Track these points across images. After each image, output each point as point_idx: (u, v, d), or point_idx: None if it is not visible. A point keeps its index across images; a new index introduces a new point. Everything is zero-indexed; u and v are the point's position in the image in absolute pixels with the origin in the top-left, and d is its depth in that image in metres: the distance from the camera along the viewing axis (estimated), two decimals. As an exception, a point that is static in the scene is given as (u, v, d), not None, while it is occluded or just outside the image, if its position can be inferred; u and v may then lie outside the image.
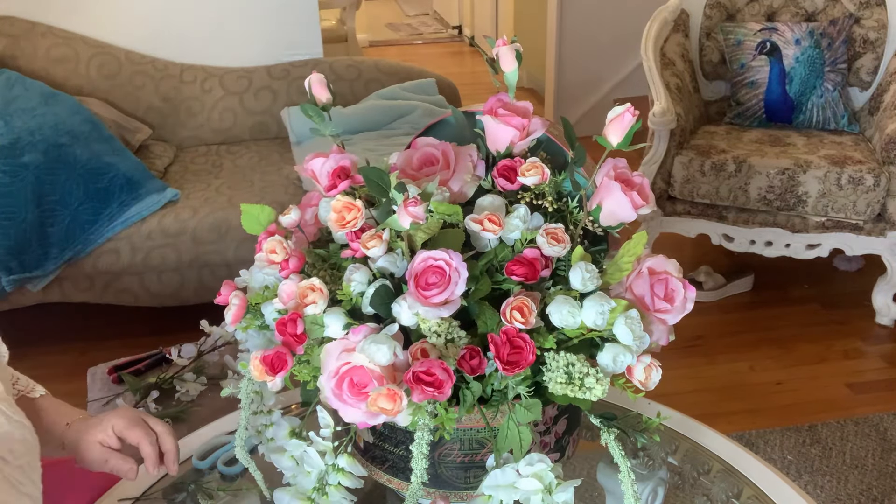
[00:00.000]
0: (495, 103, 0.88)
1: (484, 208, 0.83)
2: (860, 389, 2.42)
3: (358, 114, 2.92)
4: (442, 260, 0.77)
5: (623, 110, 0.81)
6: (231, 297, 0.88)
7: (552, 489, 0.79)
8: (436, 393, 0.72)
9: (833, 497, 2.02)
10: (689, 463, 1.13)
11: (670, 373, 0.90)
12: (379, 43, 6.88)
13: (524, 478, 0.79)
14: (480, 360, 0.76)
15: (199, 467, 1.13)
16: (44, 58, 2.88)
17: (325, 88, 0.93)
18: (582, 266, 0.78)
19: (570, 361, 0.76)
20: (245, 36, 3.13)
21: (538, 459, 0.79)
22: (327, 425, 0.82)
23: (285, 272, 0.84)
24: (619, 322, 0.77)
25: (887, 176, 2.52)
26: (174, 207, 2.52)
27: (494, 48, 0.92)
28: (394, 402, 0.72)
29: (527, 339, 0.75)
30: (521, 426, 0.78)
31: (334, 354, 0.77)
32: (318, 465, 0.82)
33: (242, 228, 0.92)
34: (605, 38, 4.24)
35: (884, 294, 2.69)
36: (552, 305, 0.77)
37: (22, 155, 2.37)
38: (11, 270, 2.33)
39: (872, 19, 2.84)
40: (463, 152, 0.89)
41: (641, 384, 0.80)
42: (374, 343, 0.74)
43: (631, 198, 0.80)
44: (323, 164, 0.87)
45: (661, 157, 2.67)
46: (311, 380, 0.81)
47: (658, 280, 0.81)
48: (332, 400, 0.77)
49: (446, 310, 0.76)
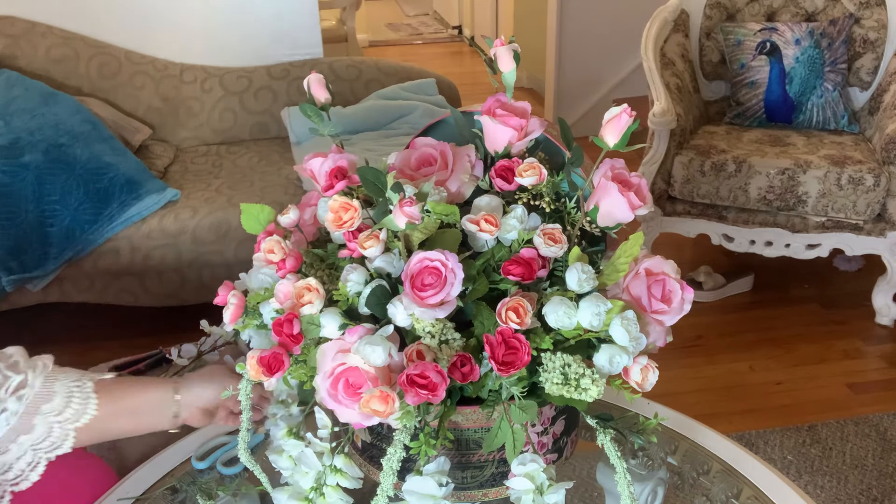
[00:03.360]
0: (493, 103, 0.88)
1: (481, 209, 0.83)
2: (860, 389, 2.42)
3: (358, 114, 2.92)
4: (438, 261, 0.76)
5: (620, 111, 0.81)
6: (229, 297, 0.88)
7: (543, 490, 0.79)
8: (430, 396, 0.72)
9: (833, 497, 2.02)
10: (689, 463, 1.13)
11: (670, 373, 0.90)
12: (379, 43, 6.88)
13: (516, 477, 0.79)
14: (472, 367, 0.75)
15: (198, 467, 1.13)
16: (44, 58, 2.88)
17: (324, 88, 0.93)
18: (578, 267, 0.78)
19: (566, 362, 0.76)
20: (245, 36, 3.13)
21: (530, 459, 0.79)
22: (325, 426, 0.82)
23: (282, 272, 0.84)
24: (615, 323, 0.77)
25: (887, 176, 2.52)
26: (174, 207, 2.52)
27: (492, 48, 0.92)
28: (386, 404, 0.72)
29: (522, 339, 0.74)
30: (515, 427, 0.78)
31: (330, 355, 0.77)
32: (316, 465, 0.82)
33: (242, 228, 0.92)
34: (606, 38, 4.24)
35: (884, 294, 2.69)
36: (548, 306, 0.77)
37: (22, 155, 2.37)
38: (11, 270, 2.33)
39: (872, 19, 2.84)
40: (461, 152, 0.89)
41: (638, 385, 0.79)
42: (370, 344, 0.74)
43: (628, 198, 0.80)
44: (322, 164, 0.87)
45: (661, 157, 2.67)
46: (307, 380, 0.81)
47: (655, 281, 0.81)
48: (328, 400, 0.77)
49: (442, 311, 0.76)
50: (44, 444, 0.91)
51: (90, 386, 0.94)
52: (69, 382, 0.93)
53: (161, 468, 1.14)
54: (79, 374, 0.96)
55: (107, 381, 0.96)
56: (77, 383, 0.94)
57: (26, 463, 0.90)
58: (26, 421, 0.89)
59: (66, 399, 0.92)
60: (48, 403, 0.91)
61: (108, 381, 0.97)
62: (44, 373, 0.92)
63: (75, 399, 0.92)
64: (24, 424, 0.89)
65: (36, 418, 0.90)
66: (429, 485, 0.78)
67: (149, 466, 1.14)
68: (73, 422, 0.92)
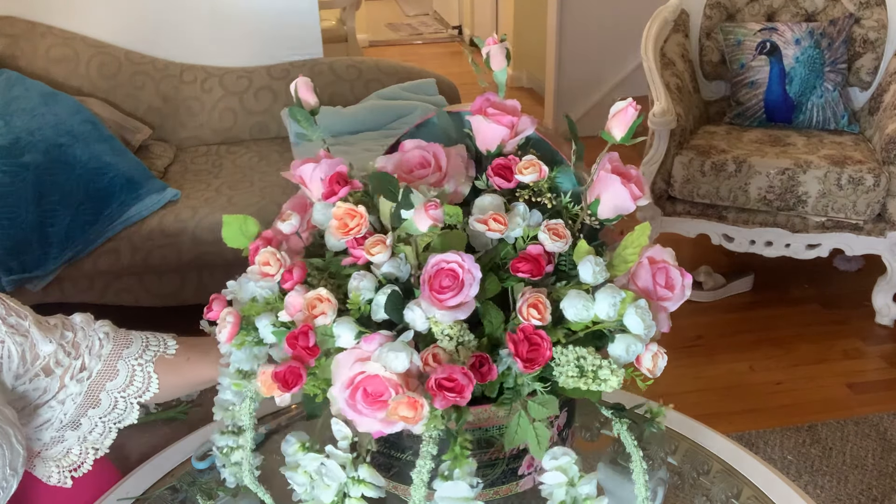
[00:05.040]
0: (484, 102, 0.88)
1: (486, 208, 0.83)
2: (860, 389, 2.42)
3: (358, 114, 2.92)
4: (454, 262, 0.76)
5: (626, 104, 0.83)
6: (224, 315, 0.85)
7: (575, 482, 0.79)
8: (458, 398, 0.73)
9: (833, 497, 2.02)
10: (689, 463, 1.13)
11: (670, 373, 0.90)
12: (379, 43, 6.88)
13: (547, 472, 0.79)
14: (490, 367, 0.76)
15: (198, 467, 1.13)
16: (44, 58, 2.88)
17: (312, 92, 0.92)
18: (591, 260, 0.79)
19: (580, 355, 0.76)
20: (245, 36, 3.13)
21: (563, 453, 0.80)
22: (345, 437, 0.80)
23: (290, 283, 0.81)
24: (629, 312, 0.78)
25: (887, 176, 2.52)
26: (174, 207, 2.52)
27: (484, 47, 0.92)
28: (415, 409, 0.72)
29: (544, 335, 0.75)
30: (536, 423, 0.78)
31: (346, 365, 0.76)
32: (340, 477, 0.80)
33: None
34: (605, 38, 4.24)
35: (884, 294, 2.69)
36: (566, 300, 0.78)
37: (22, 155, 2.37)
38: (11, 270, 2.33)
39: (872, 19, 2.85)
40: (453, 153, 0.89)
41: (649, 371, 0.81)
42: (393, 351, 0.74)
43: (630, 189, 0.82)
44: (314, 170, 0.86)
45: (661, 157, 2.67)
46: (319, 392, 0.80)
47: (658, 269, 0.83)
48: (347, 411, 0.76)
49: (463, 312, 0.76)
50: (112, 416, 1.01)
51: (150, 367, 1.03)
52: (132, 360, 1.03)
53: (161, 468, 1.14)
54: (142, 345, 1.04)
55: (168, 360, 1.05)
56: (139, 361, 1.03)
57: (99, 433, 1.01)
58: (93, 396, 1.00)
59: (128, 376, 1.02)
60: (112, 381, 1.01)
61: (169, 360, 1.05)
62: (101, 352, 1.01)
63: (137, 378, 1.03)
64: (91, 399, 1.00)
65: (101, 393, 1.00)
66: (461, 488, 0.79)
67: (149, 466, 1.14)
68: (136, 396, 1.02)
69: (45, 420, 0.98)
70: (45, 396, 0.98)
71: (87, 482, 1.10)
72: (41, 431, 0.98)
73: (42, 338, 0.98)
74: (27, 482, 1.02)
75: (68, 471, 1.01)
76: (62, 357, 0.99)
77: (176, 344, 1.07)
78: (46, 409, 0.98)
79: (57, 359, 0.98)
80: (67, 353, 0.99)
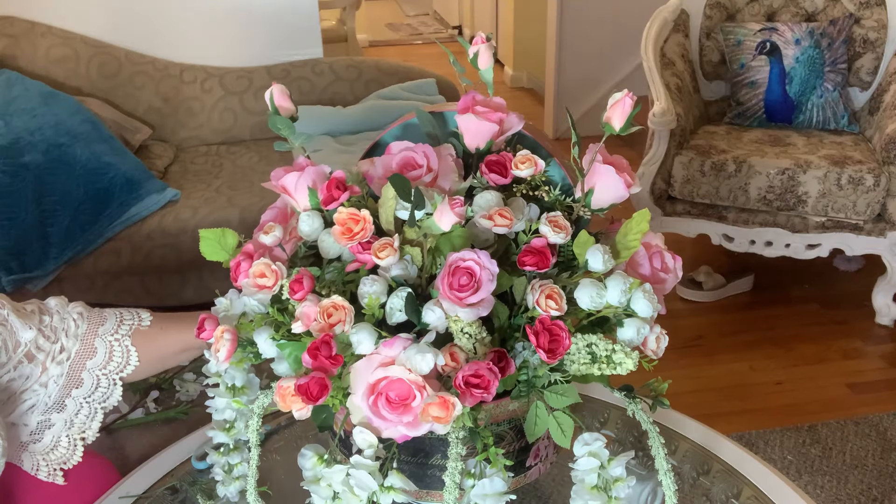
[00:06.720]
0: (470, 101, 0.89)
1: (490, 205, 0.83)
2: (860, 389, 2.42)
3: (358, 114, 2.92)
4: (471, 260, 0.77)
5: (622, 96, 0.85)
6: (220, 334, 0.84)
7: (607, 465, 0.81)
8: (484, 394, 0.73)
9: (833, 497, 2.02)
10: (689, 463, 1.13)
11: (670, 373, 0.91)
12: (379, 43, 6.88)
13: (580, 458, 0.81)
14: (507, 362, 0.77)
15: (198, 467, 1.13)
16: (44, 58, 2.88)
17: (289, 99, 0.92)
18: (599, 248, 0.81)
19: (591, 342, 0.78)
20: (245, 36, 3.13)
21: (594, 438, 0.81)
22: (371, 445, 0.79)
23: (300, 294, 0.79)
24: (637, 296, 0.81)
25: (887, 176, 2.52)
26: (174, 207, 2.52)
27: (471, 47, 0.94)
28: (447, 409, 0.72)
29: (562, 325, 0.77)
30: (556, 412, 0.79)
31: (367, 371, 0.75)
32: (371, 486, 0.78)
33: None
34: (605, 38, 4.24)
35: (884, 294, 2.69)
36: (580, 289, 0.79)
37: (22, 155, 2.37)
38: (11, 270, 2.32)
39: (872, 19, 2.85)
40: (442, 152, 0.89)
41: (653, 353, 0.84)
42: (420, 353, 0.74)
43: (623, 178, 0.85)
44: (299, 179, 0.86)
45: (661, 157, 2.67)
46: (337, 403, 0.78)
47: (654, 253, 0.87)
48: (371, 418, 0.75)
49: (484, 309, 0.77)
50: (96, 395, 1.01)
51: (128, 340, 1.03)
52: (108, 337, 1.02)
53: (161, 468, 1.14)
54: (116, 321, 1.04)
55: (144, 331, 1.04)
56: (115, 337, 1.02)
57: (85, 415, 1.01)
58: (75, 376, 1.00)
59: (106, 353, 1.02)
60: (92, 360, 1.01)
61: (145, 331, 1.04)
62: (77, 332, 1.01)
63: (116, 353, 1.02)
64: (73, 380, 1.00)
65: (83, 373, 1.00)
66: (497, 483, 0.80)
67: (149, 466, 1.14)
68: (117, 373, 1.02)
69: (30, 405, 0.98)
70: (28, 382, 0.98)
71: (87, 482, 1.10)
72: (28, 416, 0.98)
73: (22, 325, 0.98)
74: (25, 483, 1.02)
75: (57, 465, 1.01)
76: (42, 342, 0.99)
77: (150, 316, 1.07)
78: (30, 393, 0.98)
79: (38, 344, 0.98)
80: (47, 338, 0.99)
